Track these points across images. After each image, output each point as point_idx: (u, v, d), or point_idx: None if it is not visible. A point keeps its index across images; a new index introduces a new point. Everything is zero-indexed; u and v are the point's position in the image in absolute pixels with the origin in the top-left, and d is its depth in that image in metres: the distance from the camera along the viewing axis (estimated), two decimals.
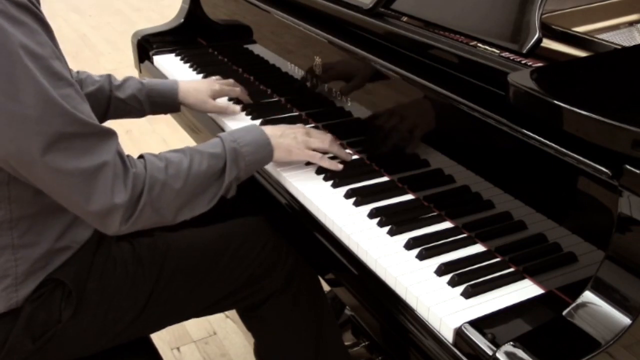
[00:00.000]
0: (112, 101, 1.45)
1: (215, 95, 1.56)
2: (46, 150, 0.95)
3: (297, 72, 1.52)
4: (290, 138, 1.27)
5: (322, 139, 1.31)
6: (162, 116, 1.82)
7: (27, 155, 0.96)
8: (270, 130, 1.25)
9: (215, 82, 1.59)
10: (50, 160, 0.96)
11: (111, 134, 1.04)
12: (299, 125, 1.35)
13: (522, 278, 0.99)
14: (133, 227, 1.06)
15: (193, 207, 1.13)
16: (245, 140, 1.19)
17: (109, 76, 1.48)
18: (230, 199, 1.51)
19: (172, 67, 1.87)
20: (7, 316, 1.09)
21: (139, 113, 1.52)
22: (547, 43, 1.12)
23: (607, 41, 1.13)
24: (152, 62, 1.97)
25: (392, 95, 1.25)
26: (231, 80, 1.64)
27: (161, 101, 1.51)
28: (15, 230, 1.06)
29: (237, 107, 1.56)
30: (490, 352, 0.83)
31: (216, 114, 1.57)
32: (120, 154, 1.03)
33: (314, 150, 1.29)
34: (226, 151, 1.16)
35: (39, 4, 1.01)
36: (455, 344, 0.89)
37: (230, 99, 1.62)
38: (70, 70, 1.07)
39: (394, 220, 1.12)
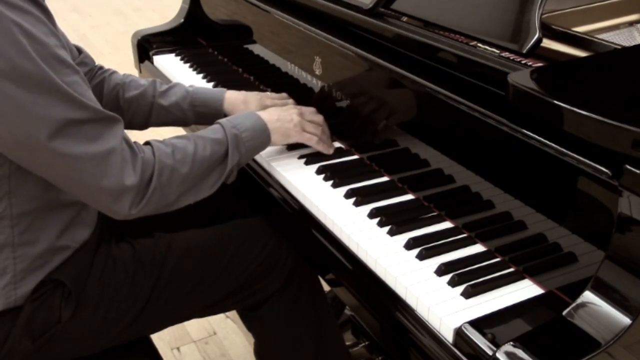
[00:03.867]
0: (154, 108, 1.42)
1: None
2: (54, 136, 0.96)
3: (297, 72, 1.52)
4: (287, 121, 1.30)
5: (316, 125, 1.34)
6: None
7: (36, 142, 0.97)
8: (267, 116, 1.28)
9: (266, 98, 1.48)
10: (59, 146, 0.97)
11: (117, 120, 1.05)
12: (290, 106, 1.37)
13: (522, 278, 0.99)
14: (141, 211, 1.07)
15: (197, 192, 1.15)
16: (244, 126, 1.21)
17: (154, 82, 1.44)
18: (231, 199, 1.51)
19: (172, 67, 1.87)
20: (7, 315, 1.09)
21: (183, 122, 1.47)
22: (547, 43, 1.12)
23: (607, 41, 1.13)
24: (152, 62, 1.97)
25: (392, 95, 1.25)
26: (284, 94, 1.53)
27: (205, 111, 1.44)
28: (16, 228, 1.07)
29: None
30: (490, 352, 0.83)
31: None
32: (126, 139, 1.05)
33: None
34: (228, 137, 1.18)
35: None
36: (455, 344, 0.89)
37: None
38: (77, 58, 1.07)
39: (394, 220, 1.12)
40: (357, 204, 1.18)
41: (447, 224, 1.13)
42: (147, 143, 1.12)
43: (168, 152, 1.10)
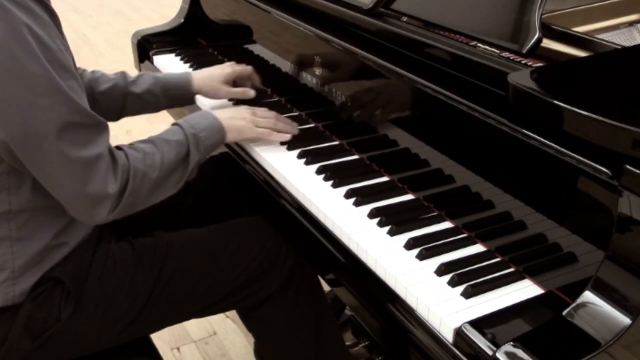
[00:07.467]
0: (127, 97, 1.46)
1: (228, 79, 1.54)
2: (53, 137, 0.98)
3: (297, 72, 1.52)
4: (239, 119, 1.34)
5: (269, 119, 1.38)
6: (161, 116, 1.82)
7: (34, 140, 0.98)
8: (220, 114, 1.32)
9: (226, 66, 1.57)
10: (55, 147, 0.99)
11: (106, 127, 1.08)
12: (243, 106, 1.41)
13: (522, 278, 0.99)
14: (116, 215, 1.10)
15: (163, 192, 1.18)
16: (201, 125, 1.25)
17: (124, 73, 1.49)
18: (230, 199, 1.51)
19: (172, 67, 1.86)
20: (6, 314, 1.10)
21: (155, 107, 1.52)
22: (547, 43, 1.12)
23: (607, 41, 1.13)
24: (152, 62, 1.96)
25: (391, 95, 1.25)
26: (243, 64, 1.61)
27: (177, 93, 1.51)
28: (13, 222, 1.07)
29: (252, 92, 1.55)
30: (490, 352, 0.83)
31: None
32: (109, 147, 1.08)
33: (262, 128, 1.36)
34: (188, 137, 1.22)
35: None
36: (455, 344, 0.89)
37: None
38: (75, 64, 1.09)
39: (394, 220, 1.12)
40: (357, 204, 1.18)
41: (447, 224, 1.12)
42: (118, 148, 1.14)
43: (139, 157, 1.13)
